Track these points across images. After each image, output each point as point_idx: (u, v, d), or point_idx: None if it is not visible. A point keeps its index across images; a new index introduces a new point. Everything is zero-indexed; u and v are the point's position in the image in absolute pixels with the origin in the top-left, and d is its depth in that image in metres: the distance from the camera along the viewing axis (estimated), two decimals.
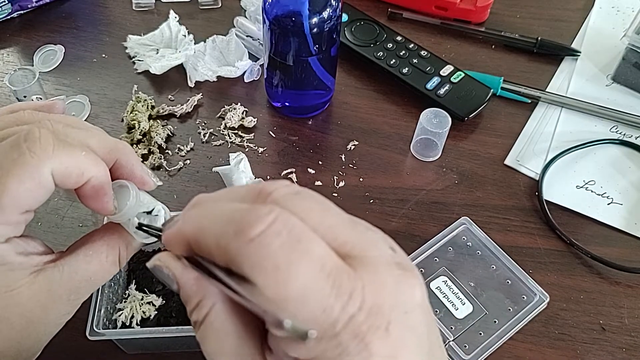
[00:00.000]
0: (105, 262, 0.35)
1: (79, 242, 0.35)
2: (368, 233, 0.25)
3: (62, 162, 0.31)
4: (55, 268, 0.33)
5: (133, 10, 0.73)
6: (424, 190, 0.58)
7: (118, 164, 0.35)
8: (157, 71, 0.65)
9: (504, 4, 0.75)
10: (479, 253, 0.53)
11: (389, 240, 0.26)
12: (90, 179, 0.33)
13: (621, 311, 0.50)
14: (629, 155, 0.61)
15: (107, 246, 0.35)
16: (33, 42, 0.68)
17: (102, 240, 0.35)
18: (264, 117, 0.63)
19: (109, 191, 0.34)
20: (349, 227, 0.25)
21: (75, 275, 0.34)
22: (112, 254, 0.35)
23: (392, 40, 0.67)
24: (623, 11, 0.75)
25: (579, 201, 0.57)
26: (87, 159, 0.32)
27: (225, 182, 0.55)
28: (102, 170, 0.33)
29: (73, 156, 0.32)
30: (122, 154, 0.35)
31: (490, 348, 0.47)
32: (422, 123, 0.57)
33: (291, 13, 0.53)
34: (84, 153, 0.32)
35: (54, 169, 0.31)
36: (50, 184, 0.31)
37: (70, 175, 0.32)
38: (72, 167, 0.32)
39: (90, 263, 0.34)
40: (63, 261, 0.34)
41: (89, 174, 0.32)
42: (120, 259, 0.36)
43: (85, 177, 0.32)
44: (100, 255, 0.35)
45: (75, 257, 0.34)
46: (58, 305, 0.33)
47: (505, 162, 0.60)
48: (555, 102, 0.65)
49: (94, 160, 0.33)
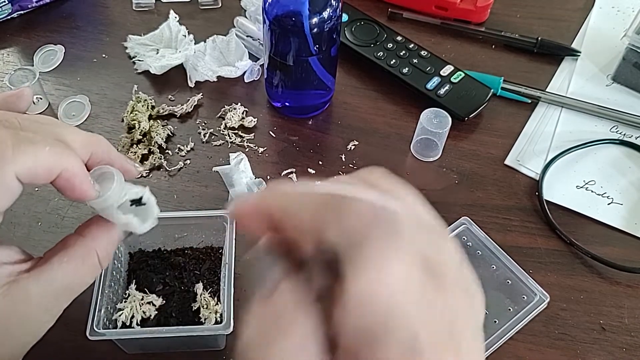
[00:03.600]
0: (82, 267, 0.34)
1: (54, 249, 0.34)
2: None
3: (25, 163, 0.30)
4: (30, 278, 0.32)
5: (133, 10, 0.73)
6: (424, 190, 0.57)
7: (94, 156, 0.34)
8: (157, 71, 0.65)
9: (504, 4, 0.75)
10: (479, 253, 0.53)
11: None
12: (61, 173, 0.31)
13: (621, 311, 0.50)
14: (629, 155, 0.61)
15: (82, 251, 0.34)
16: (33, 42, 0.68)
17: (77, 245, 0.34)
18: (264, 117, 0.63)
19: (85, 179, 0.33)
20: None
21: (51, 285, 0.32)
22: (89, 257, 0.34)
23: (392, 40, 0.67)
24: (623, 11, 0.75)
25: (579, 201, 0.57)
26: (53, 153, 0.31)
27: (226, 182, 0.55)
28: (72, 161, 0.32)
29: (36, 154, 0.30)
30: (96, 146, 0.34)
31: (491, 348, 0.47)
32: (422, 123, 0.57)
33: (291, 13, 0.53)
34: (47, 148, 0.31)
35: (17, 171, 0.30)
36: (17, 187, 0.30)
37: (37, 174, 0.31)
38: (37, 166, 0.30)
39: (67, 270, 0.33)
40: (38, 270, 0.32)
41: (59, 169, 0.31)
42: (100, 260, 0.35)
43: (55, 172, 0.31)
44: (76, 261, 0.33)
45: (50, 265, 0.33)
46: (36, 315, 0.32)
47: (505, 162, 0.60)
48: (555, 102, 0.65)
49: (60, 153, 0.32)
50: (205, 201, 0.56)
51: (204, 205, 0.55)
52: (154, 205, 0.36)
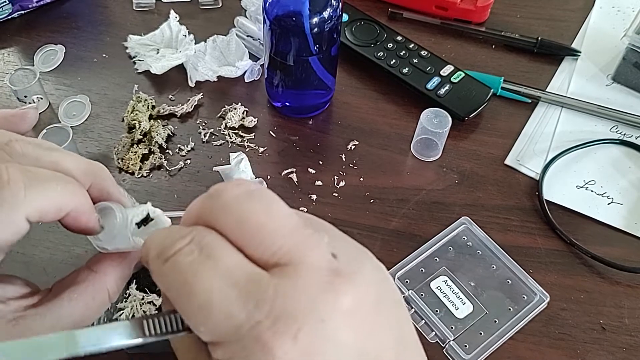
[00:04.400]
0: (92, 304, 0.33)
1: (63, 283, 0.33)
2: (312, 237, 0.25)
3: (37, 204, 0.29)
4: (37, 315, 0.31)
5: (133, 10, 0.73)
6: (424, 190, 0.58)
7: (93, 187, 0.33)
8: (157, 71, 0.65)
9: (504, 4, 0.75)
10: (479, 253, 0.53)
11: (341, 243, 0.27)
12: (70, 212, 0.31)
13: (621, 311, 0.51)
14: (629, 155, 0.61)
15: (93, 287, 0.33)
16: (33, 42, 0.68)
17: (88, 281, 0.33)
18: (265, 117, 0.63)
19: (92, 216, 0.32)
20: (291, 231, 0.25)
21: (59, 321, 0.31)
22: (100, 294, 0.33)
23: (392, 40, 0.67)
24: (623, 11, 0.75)
25: (579, 201, 0.57)
26: (64, 192, 0.30)
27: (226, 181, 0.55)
28: (81, 200, 0.31)
29: (48, 195, 0.29)
30: (97, 177, 0.34)
31: (491, 348, 0.47)
32: (423, 123, 0.57)
33: (292, 13, 0.53)
34: (59, 187, 0.30)
35: (28, 213, 0.29)
36: (25, 227, 0.29)
37: (47, 214, 0.30)
38: (48, 206, 0.29)
39: (76, 307, 0.32)
40: (45, 307, 0.31)
41: (68, 208, 0.30)
42: (110, 295, 0.34)
43: (64, 211, 0.30)
44: (86, 297, 0.32)
45: (59, 301, 0.32)
46: None
47: (505, 162, 0.60)
48: (555, 102, 0.65)
49: (71, 192, 0.31)
50: None
51: None
52: (162, 216, 0.35)
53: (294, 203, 0.56)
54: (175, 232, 0.26)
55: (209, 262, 0.24)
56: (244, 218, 0.25)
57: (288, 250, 0.24)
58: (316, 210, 0.56)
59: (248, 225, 0.25)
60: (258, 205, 0.25)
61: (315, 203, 0.56)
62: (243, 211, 0.25)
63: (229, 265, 0.24)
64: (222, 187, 0.27)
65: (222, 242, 0.25)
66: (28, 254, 0.51)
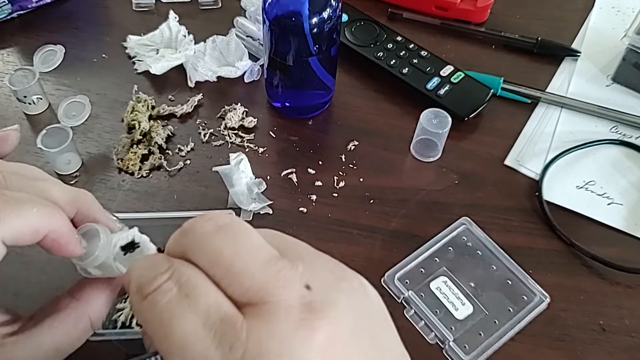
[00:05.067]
0: (73, 331, 0.33)
1: (45, 310, 0.33)
2: (283, 272, 0.25)
3: (12, 227, 0.29)
4: (17, 342, 0.31)
5: (133, 11, 0.73)
6: (424, 191, 0.58)
7: (80, 212, 0.33)
8: (157, 71, 0.65)
9: (504, 4, 0.75)
10: (479, 253, 0.53)
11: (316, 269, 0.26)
12: (47, 234, 0.30)
13: (621, 312, 0.50)
14: (629, 155, 0.61)
15: (75, 315, 0.33)
16: (33, 42, 0.68)
17: (69, 309, 0.33)
18: (264, 117, 0.63)
19: (72, 239, 0.32)
20: (261, 268, 0.25)
21: (39, 349, 0.31)
22: (81, 322, 0.33)
23: (392, 41, 0.67)
24: (623, 11, 0.75)
25: (579, 201, 0.57)
26: (41, 215, 0.30)
27: (226, 182, 0.55)
28: (59, 222, 0.31)
29: (23, 217, 0.29)
30: (83, 203, 0.34)
31: (491, 348, 0.47)
32: (422, 123, 0.57)
33: (291, 13, 0.53)
34: (35, 210, 0.30)
35: (4, 236, 0.29)
36: (2, 251, 0.29)
37: (23, 237, 0.29)
38: (24, 229, 0.29)
39: (57, 335, 0.32)
40: (25, 335, 0.31)
41: (45, 230, 0.30)
42: (92, 322, 0.34)
43: (41, 233, 0.30)
44: (67, 325, 0.32)
45: (39, 329, 0.32)
46: None
47: (505, 163, 0.60)
48: (555, 103, 0.65)
49: (48, 215, 0.30)
50: (205, 201, 0.56)
51: (204, 205, 0.55)
52: (147, 243, 0.34)
53: (293, 203, 0.56)
54: (156, 264, 0.26)
55: (186, 302, 0.24)
56: (214, 255, 0.25)
57: (258, 289, 0.24)
58: (316, 211, 0.56)
59: (218, 263, 0.25)
60: (226, 241, 0.26)
61: (315, 203, 0.56)
62: (213, 248, 0.25)
63: (205, 306, 0.24)
64: (193, 223, 0.27)
65: (200, 278, 0.25)
66: (27, 255, 0.51)
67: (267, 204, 0.55)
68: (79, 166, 0.58)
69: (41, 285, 0.50)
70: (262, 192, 0.56)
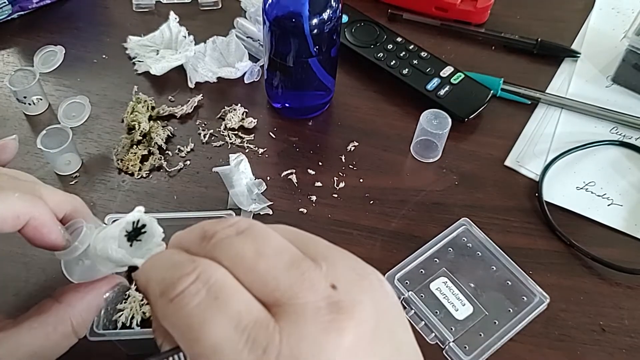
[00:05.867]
0: (53, 335, 0.32)
1: (29, 313, 0.33)
2: (307, 274, 0.25)
3: None
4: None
5: (133, 11, 0.73)
6: (424, 191, 0.58)
7: (69, 215, 0.34)
8: (157, 72, 0.65)
9: (504, 5, 0.75)
10: (479, 254, 0.53)
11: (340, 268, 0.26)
12: (29, 220, 0.31)
13: (621, 312, 0.50)
14: (629, 156, 0.61)
15: (55, 318, 0.33)
16: (33, 43, 0.68)
17: (50, 312, 0.33)
18: (264, 118, 0.63)
19: (54, 228, 0.32)
20: (285, 270, 0.25)
21: (18, 350, 0.31)
22: (62, 325, 0.33)
23: (392, 42, 0.67)
24: (623, 12, 0.75)
25: (579, 202, 0.57)
26: (22, 200, 0.30)
27: (226, 182, 0.55)
28: (41, 209, 0.31)
29: (3, 201, 0.30)
30: (72, 206, 0.34)
31: (491, 349, 0.47)
32: (422, 124, 0.57)
33: (291, 14, 0.53)
34: (16, 194, 0.30)
35: None
36: None
37: (5, 221, 0.30)
38: (5, 212, 0.30)
39: (35, 337, 0.32)
40: (4, 334, 0.31)
41: (26, 216, 0.30)
42: (75, 327, 0.33)
43: (22, 219, 0.30)
44: (47, 327, 0.32)
45: (18, 330, 0.32)
46: None
47: (505, 163, 0.60)
48: (555, 103, 0.65)
49: (30, 201, 0.31)
50: (205, 202, 0.56)
51: (203, 206, 0.55)
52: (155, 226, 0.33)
53: (293, 204, 0.56)
54: (179, 265, 0.25)
55: (215, 304, 0.24)
56: (238, 257, 0.25)
57: (284, 291, 0.24)
58: (316, 212, 0.56)
59: (242, 265, 0.25)
60: (249, 245, 0.25)
61: (315, 204, 0.56)
62: (236, 251, 0.25)
63: (236, 309, 0.24)
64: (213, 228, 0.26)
65: (228, 279, 0.25)
66: (27, 255, 0.51)
67: (267, 204, 0.55)
68: (79, 167, 0.58)
69: (41, 285, 0.50)
70: (262, 193, 0.56)
